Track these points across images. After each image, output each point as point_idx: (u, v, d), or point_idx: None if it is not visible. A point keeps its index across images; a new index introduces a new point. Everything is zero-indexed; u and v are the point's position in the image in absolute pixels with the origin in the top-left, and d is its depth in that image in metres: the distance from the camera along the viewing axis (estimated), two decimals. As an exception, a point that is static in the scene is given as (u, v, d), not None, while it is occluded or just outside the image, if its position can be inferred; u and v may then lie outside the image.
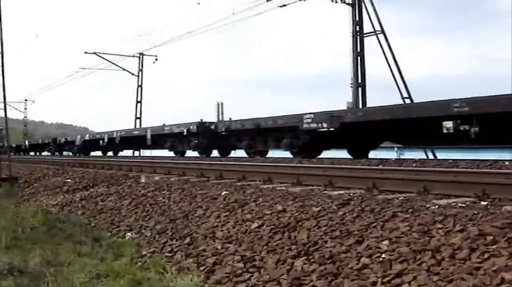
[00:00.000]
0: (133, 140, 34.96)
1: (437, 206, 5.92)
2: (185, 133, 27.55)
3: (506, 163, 11.23)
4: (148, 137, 31.78)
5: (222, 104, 29.39)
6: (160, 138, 31.06)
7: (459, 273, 4.10)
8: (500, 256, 4.14)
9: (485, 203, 6.26)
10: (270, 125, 21.83)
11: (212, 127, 26.19)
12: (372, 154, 21.07)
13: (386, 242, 5.01)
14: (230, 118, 26.15)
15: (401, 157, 26.32)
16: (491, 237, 4.47)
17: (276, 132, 21.91)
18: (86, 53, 46.47)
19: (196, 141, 27.36)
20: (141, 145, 37.28)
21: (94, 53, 46.41)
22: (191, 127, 27.12)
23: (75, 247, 7.31)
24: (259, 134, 23.00)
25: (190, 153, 28.86)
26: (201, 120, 27.30)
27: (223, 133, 25.00)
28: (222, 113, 29.12)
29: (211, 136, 26.37)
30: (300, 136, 20.35)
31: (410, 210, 5.72)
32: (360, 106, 25.23)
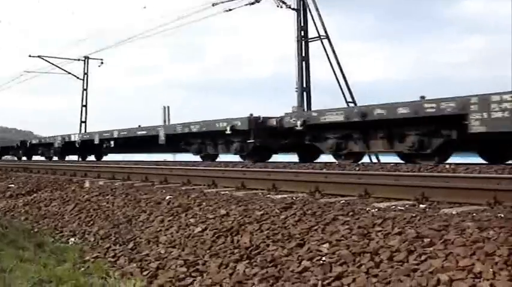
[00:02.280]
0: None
1: (377, 209, 6.05)
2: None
3: (447, 166, 11.51)
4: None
5: (168, 107, 29.42)
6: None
7: (397, 275, 4.19)
8: (437, 258, 4.24)
9: (424, 206, 6.41)
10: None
11: None
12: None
13: (326, 245, 5.08)
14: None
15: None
16: (429, 239, 4.58)
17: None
18: (30, 56, 45.68)
19: None
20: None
21: (39, 56, 45.49)
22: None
23: (18, 252, 7.17)
24: None
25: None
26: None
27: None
28: (169, 117, 29.14)
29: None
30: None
31: (350, 213, 5.82)
32: (305, 110, 25.39)
